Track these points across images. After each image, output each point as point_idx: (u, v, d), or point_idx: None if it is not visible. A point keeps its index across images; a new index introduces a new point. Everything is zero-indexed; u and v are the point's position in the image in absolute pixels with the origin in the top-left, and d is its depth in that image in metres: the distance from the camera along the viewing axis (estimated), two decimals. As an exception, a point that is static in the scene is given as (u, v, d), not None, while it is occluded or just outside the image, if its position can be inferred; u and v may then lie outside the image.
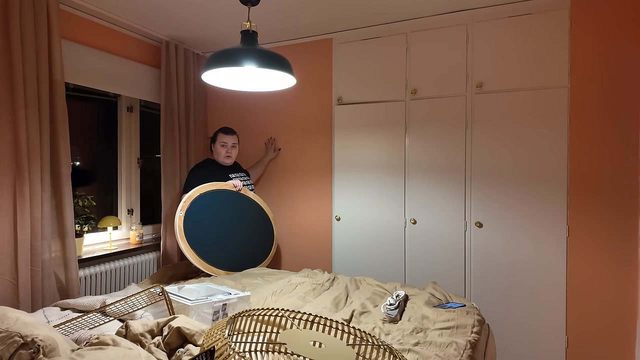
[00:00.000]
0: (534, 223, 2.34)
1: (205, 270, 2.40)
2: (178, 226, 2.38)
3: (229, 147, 2.79)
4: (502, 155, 2.42)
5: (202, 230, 2.47)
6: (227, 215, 2.62)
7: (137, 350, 1.12)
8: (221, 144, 2.79)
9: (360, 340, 1.14)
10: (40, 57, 2.13)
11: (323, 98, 2.99)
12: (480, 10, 2.45)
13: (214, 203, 2.57)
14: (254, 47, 1.95)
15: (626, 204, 2.15)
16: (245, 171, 3.02)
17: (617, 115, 2.18)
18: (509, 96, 2.40)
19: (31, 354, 1.06)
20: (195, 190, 2.52)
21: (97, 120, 2.99)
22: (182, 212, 2.41)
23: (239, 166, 3.00)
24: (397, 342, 1.52)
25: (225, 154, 2.78)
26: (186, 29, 2.82)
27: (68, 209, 2.27)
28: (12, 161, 2.02)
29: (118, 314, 1.64)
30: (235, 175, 2.84)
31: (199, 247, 2.42)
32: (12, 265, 2.02)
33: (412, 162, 2.66)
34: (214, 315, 1.60)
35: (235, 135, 2.84)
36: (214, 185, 2.61)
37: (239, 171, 2.93)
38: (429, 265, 2.61)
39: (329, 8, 2.47)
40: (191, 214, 2.45)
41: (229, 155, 2.79)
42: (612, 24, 2.18)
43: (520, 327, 2.36)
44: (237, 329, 1.11)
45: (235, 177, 2.82)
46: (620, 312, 2.17)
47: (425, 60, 2.62)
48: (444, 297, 2.07)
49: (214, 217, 2.55)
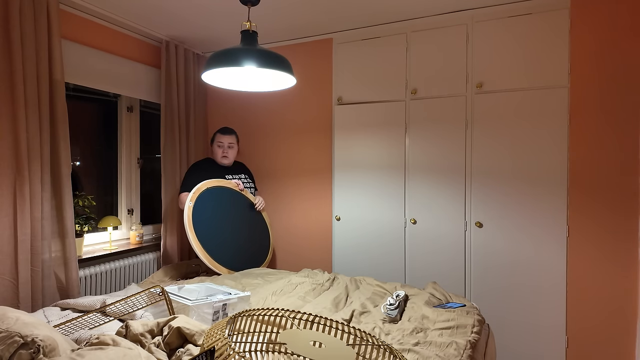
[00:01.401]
0: (534, 223, 2.34)
1: (209, 265, 2.40)
2: (187, 216, 2.39)
3: (225, 147, 2.78)
4: (502, 155, 2.42)
5: (207, 224, 2.49)
6: (230, 213, 2.63)
7: (137, 350, 1.12)
8: (218, 144, 2.79)
9: (360, 340, 1.14)
10: (40, 57, 2.13)
11: (323, 98, 2.99)
12: (480, 10, 2.45)
13: (219, 199, 2.59)
14: (254, 47, 1.95)
15: (626, 204, 2.15)
16: (249, 172, 3.00)
17: (617, 115, 2.18)
18: (509, 96, 2.40)
19: (31, 354, 1.06)
20: (204, 183, 2.53)
21: (97, 120, 2.99)
22: (192, 202, 2.42)
23: (241, 167, 2.96)
24: (397, 342, 1.52)
25: (222, 154, 2.77)
26: (186, 29, 2.82)
27: (68, 209, 2.27)
28: (12, 161, 2.02)
29: (118, 314, 1.64)
30: (232, 176, 2.81)
31: (205, 240, 2.44)
32: (12, 265, 2.02)
33: (412, 162, 2.66)
34: (214, 315, 1.60)
35: (233, 135, 2.82)
36: (220, 181, 2.62)
37: (240, 172, 2.90)
38: (429, 265, 2.61)
39: (329, 8, 2.47)
40: (198, 206, 2.46)
41: (225, 156, 2.78)
42: (612, 24, 2.18)
43: (520, 327, 2.36)
44: (237, 329, 1.11)
45: (232, 178, 2.79)
46: (620, 311, 2.17)
47: (426, 60, 2.62)
48: (444, 297, 2.07)
49: (218, 212, 2.57)
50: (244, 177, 2.89)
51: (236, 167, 2.91)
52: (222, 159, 2.78)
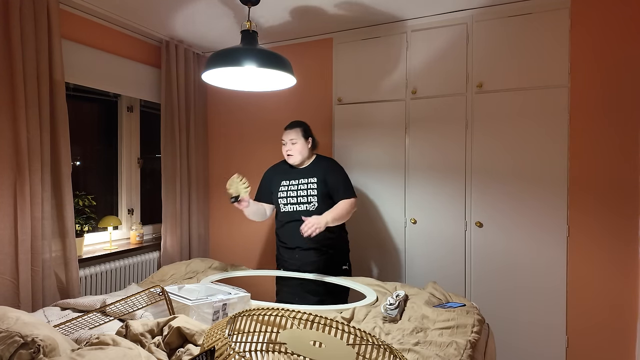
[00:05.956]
0: (534, 223, 2.34)
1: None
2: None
3: (287, 144, 2.31)
4: (502, 154, 2.41)
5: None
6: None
7: (137, 350, 1.12)
8: (282, 141, 2.34)
9: (360, 340, 1.14)
10: (40, 57, 2.13)
11: (323, 98, 2.99)
12: (480, 10, 2.45)
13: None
14: (254, 47, 1.95)
15: (626, 204, 2.15)
16: (328, 175, 2.30)
17: (617, 115, 2.17)
18: (509, 96, 2.40)
19: (31, 354, 1.06)
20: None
21: (97, 120, 2.99)
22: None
23: (316, 169, 2.33)
24: (397, 342, 1.52)
25: (285, 153, 2.33)
26: (186, 29, 2.82)
27: (68, 209, 2.27)
28: (12, 161, 2.02)
29: (118, 314, 1.64)
30: (289, 182, 2.32)
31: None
32: (13, 265, 2.02)
33: (412, 161, 2.66)
34: (214, 315, 1.60)
35: (296, 128, 2.31)
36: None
37: (309, 176, 2.30)
38: (429, 264, 2.61)
39: (329, 8, 2.47)
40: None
41: (290, 154, 2.31)
42: (612, 24, 2.18)
43: (520, 326, 2.36)
44: (237, 329, 1.11)
45: (290, 184, 2.32)
46: (620, 311, 2.17)
47: (425, 60, 2.62)
48: (444, 296, 2.07)
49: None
50: (305, 182, 2.30)
51: (310, 168, 2.34)
52: (287, 159, 2.33)
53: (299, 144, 2.29)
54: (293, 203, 2.27)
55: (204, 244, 3.37)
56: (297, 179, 2.31)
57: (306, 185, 2.28)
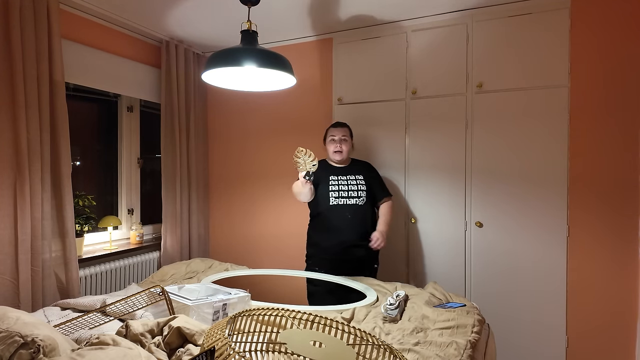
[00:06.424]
0: (534, 222, 2.34)
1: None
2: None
3: (337, 140, 2.42)
4: (502, 154, 2.41)
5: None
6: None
7: (137, 350, 1.12)
8: (330, 138, 2.45)
9: (360, 340, 1.14)
10: (40, 57, 2.13)
11: (323, 98, 2.99)
12: (480, 10, 2.45)
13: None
14: (254, 47, 1.95)
15: (626, 203, 2.15)
16: (369, 174, 2.47)
17: (617, 115, 2.17)
18: (509, 95, 2.40)
19: (31, 354, 1.06)
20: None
21: (97, 120, 2.99)
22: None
23: (359, 167, 2.49)
24: (397, 342, 1.52)
25: (334, 149, 2.43)
26: (186, 29, 2.82)
27: (68, 209, 2.27)
28: (12, 161, 2.02)
29: (118, 314, 1.64)
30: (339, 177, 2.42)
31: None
32: (13, 265, 2.02)
33: (412, 161, 2.66)
34: (214, 315, 1.60)
35: (345, 127, 2.47)
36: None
37: (354, 173, 2.44)
38: (429, 264, 2.61)
39: (329, 8, 2.47)
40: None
41: (339, 150, 2.41)
42: (612, 24, 2.18)
43: (520, 326, 2.36)
44: (237, 329, 1.11)
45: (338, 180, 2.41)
46: (620, 311, 2.17)
47: (425, 60, 2.62)
48: (444, 296, 2.07)
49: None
50: (353, 179, 2.43)
51: (353, 166, 2.48)
52: (334, 155, 2.43)
53: (348, 142, 2.46)
54: (344, 197, 2.38)
55: (204, 244, 3.37)
56: (345, 175, 2.44)
57: (355, 182, 2.42)
